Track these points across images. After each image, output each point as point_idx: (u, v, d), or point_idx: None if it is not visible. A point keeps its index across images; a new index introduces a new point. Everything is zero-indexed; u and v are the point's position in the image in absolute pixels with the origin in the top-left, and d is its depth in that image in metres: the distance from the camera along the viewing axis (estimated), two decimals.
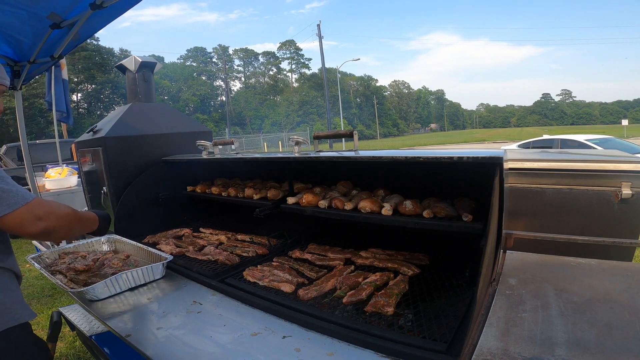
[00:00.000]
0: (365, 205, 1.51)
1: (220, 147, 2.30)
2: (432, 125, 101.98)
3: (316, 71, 68.42)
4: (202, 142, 2.31)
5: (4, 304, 1.15)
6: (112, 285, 1.49)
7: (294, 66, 71.20)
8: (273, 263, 1.68)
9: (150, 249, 1.84)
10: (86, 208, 2.97)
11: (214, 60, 65.12)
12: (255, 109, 59.98)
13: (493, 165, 1.12)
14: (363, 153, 1.45)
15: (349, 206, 1.57)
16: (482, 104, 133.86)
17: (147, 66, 2.79)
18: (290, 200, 1.79)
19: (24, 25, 2.35)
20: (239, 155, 2.10)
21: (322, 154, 1.56)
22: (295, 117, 57.34)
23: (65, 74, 6.21)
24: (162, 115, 2.79)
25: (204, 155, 2.27)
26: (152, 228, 2.38)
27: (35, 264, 1.79)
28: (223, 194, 2.26)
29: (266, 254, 1.85)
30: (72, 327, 2.10)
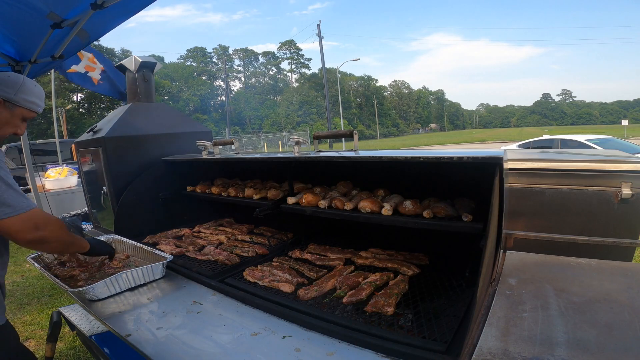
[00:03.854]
0: (365, 205, 1.51)
1: (220, 147, 2.30)
2: (432, 125, 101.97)
3: (316, 71, 68.47)
4: (202, 142, 2.31)
5: None
6: (112, 285, 1.49)
7: (294, 66, 71.23)
8: (273, 263, 1.68)
9: (150, 249, 1.84)
10: (86, 208, 2.96)
11: (214, 60, 65.15)
12: (255, 109, 59.97)
13: (493, 165, 1.12)
14: (363, 153, 1.45)
15: (349, 206, 1.57)
16: (482, 104, 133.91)
17: (147, 66, 2.79)
18: (290, 200, 1.79)
19: (25, 23, 2.35)
20: (239, 155, 2.10)
21: (322, 154, 1.56)
22: (295, 117, 57.35)
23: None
24: (162, 115, 2.79)
25: (204, 155, 2.27)
26: (152, 228, 2.38)
27: (35, 264, 1.79)
28: (223, 194, 2.26)
29: (266, 254, 1.85)
30: (72, 327, 2.11)
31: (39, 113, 1.39)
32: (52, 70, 6.72)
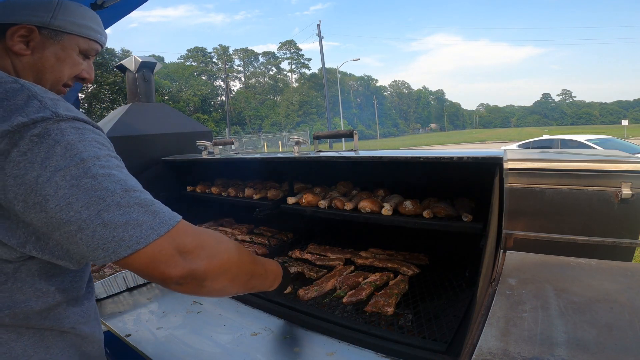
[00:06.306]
0: (365, 205, 1.51)
1: (220, 147, 2.30)
2: (432, 125, 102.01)
3: (316, 71, 68.50)
4: (202, 142, 2.31)
5: None
6: (110, 285, 1.49)
7: (294, 66, 71.25)
8: None
9: None
10: None
11: (214, 60, 65.12)
12: (255, 109, 59.98)
13: (493, 165, 1.12)
14: (363, 153, 1.45)
15: (349, 206, 1.57)
16: (482, 104, 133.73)
17: (147, 66, 2.79)
18: (290, 200, 1.79)
19: None
20: (239, 155, 2.10)
21: (322, 154, 1.56)
22: (295, 117, 57.36)
23: None
24: (162, 115, 2.79)
25: (204, 155, 2.27)
26: None
27: None
28: (223, 194, 2.26)
29: (266, 254, 1.85)
30: None
31: (103, 44, 0.98)
32: None
